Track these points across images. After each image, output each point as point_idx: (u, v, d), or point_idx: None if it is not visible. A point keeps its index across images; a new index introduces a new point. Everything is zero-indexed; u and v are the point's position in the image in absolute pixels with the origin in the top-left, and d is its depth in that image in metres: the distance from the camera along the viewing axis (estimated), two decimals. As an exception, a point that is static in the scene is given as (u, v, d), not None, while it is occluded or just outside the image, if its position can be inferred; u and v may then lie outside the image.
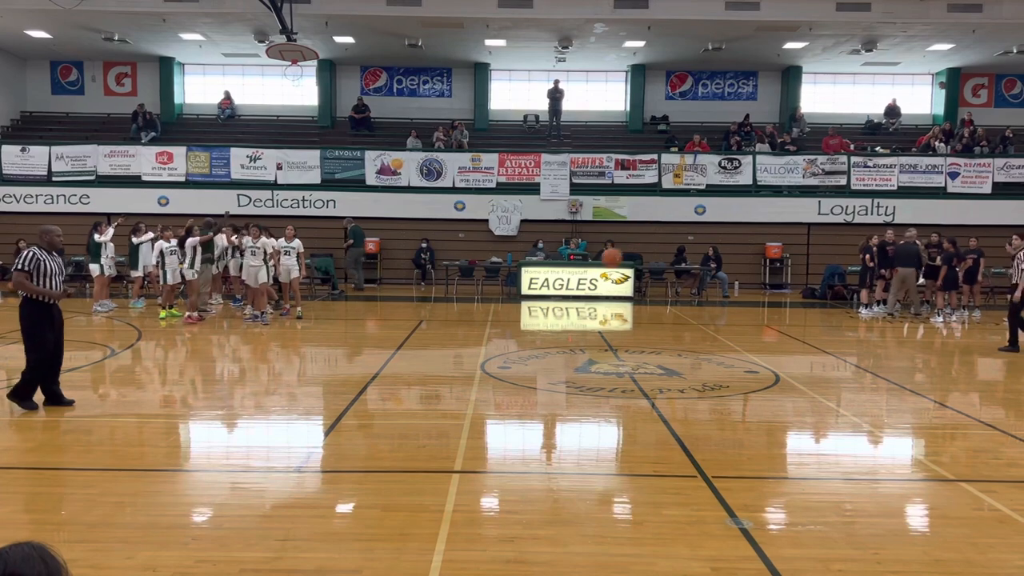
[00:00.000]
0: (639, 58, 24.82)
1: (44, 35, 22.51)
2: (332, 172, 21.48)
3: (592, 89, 26.42)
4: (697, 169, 21.67)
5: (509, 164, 21.66)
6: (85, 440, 6.84)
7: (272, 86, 25.52)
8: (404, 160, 21.62)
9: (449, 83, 26.21)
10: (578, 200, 21.25)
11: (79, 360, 10.37)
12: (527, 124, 25.52)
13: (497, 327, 14.32)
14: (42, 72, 25.76)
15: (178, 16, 20.84)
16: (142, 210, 20.79)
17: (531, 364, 10.67)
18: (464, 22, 21.23)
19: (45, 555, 1.71)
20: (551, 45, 23.04)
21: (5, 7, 20.15)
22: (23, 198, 20.92)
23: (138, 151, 21.56)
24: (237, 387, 9.25)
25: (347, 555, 4.46)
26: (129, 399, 8.54)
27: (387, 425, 7.65)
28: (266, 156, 21.40)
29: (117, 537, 4.62)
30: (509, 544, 4.61)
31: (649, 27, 21.40)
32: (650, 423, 7.47)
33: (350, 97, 25.39)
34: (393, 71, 26.07)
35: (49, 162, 21.17)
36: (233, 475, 5.98)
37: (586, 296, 18.45)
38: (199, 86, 26.22)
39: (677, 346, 12.25)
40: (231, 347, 12.81)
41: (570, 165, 21.54)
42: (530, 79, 26.16)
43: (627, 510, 5.40)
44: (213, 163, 21.35)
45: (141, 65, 25.59)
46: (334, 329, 14.64)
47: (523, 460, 6.55)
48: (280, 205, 21.16)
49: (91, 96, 25.80)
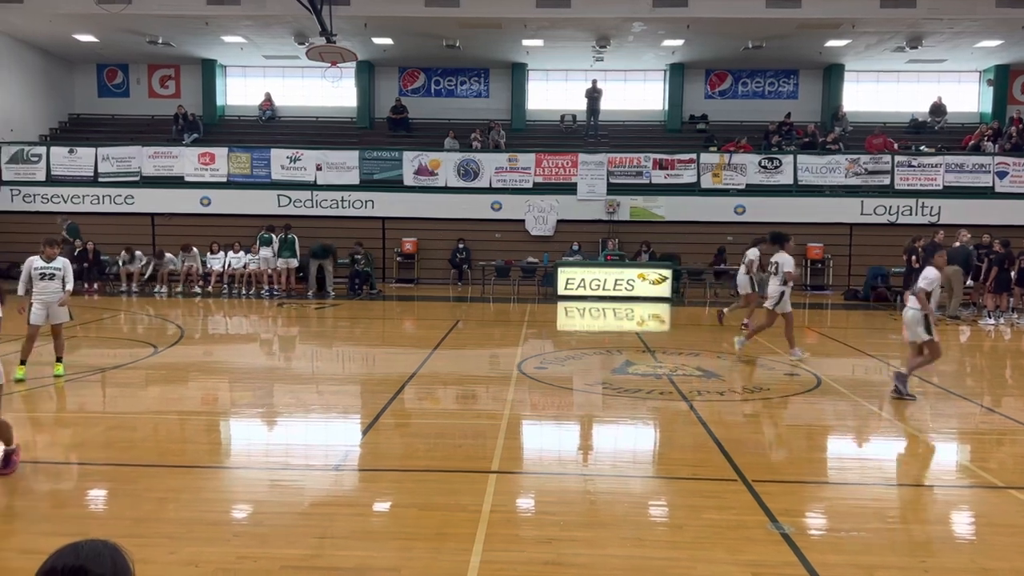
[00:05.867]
0: (678, 57, 24.62)
1: (91, 39, 23.01)
2: (370, 173, 21.64)
3: (630, 88, 26.27)
4: (736, 169, 21.43)
5: (546, 164, 21.62)
6: (129, 437, 6.97)
7: (312, 87, 25.79)
8: (441, 161, 21.71)
9: (486, 83, 26.25)
10: (615, 200, 21.14)
11: (124, 358, 10.57)
12: (564, 124, 25.45)
13: (533, 327, 14.31)
14: (89, 75, 26.34)
15: (220, 19, 21.16)
16: (185, 210, 21.18)
17: (568, 365, 10.64)
18: (502, 22, 21.24)
19: (116, 555, 1.77)
20: (589, 45, 22.95)
21: (54, 12, 20.64)
22: (70, 198, 21.39)
23: (181, 152, 21.92)
24: (277, 385, 9.36)
25: (385, 554, 4.49)
26: (171, 396, 8.69)
27: (424, 424, 7.68)
28: (306, 157, 21.63)
29: (161, 532, 4.70)
30: (547, 545, 4.60)
31: (688, 25, 21.21)
32: (688, 425, 7.40)
33: (388, 98, 25.56)
34: (431, 72, 26.19)
35: (95, 163, 21.63)
36: (273, 472, 6.05)
37: (623, 297, 18.34)
38: (240, 88, 26.60)
39: (716, 348, 12.12)
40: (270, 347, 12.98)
41: (607, 165, 21.44)
42: (567, 79, 26.09)
43: (665, 513, 5.35)
44: (254, 164, 21.63)
45: (184, 67, 26.04)
46: (372, 328, 14.75)
47: (560, 461, 6.53)
48: (319, 206, 21.37)
49: (136, 98, 26.31)
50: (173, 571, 4.21)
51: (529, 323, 14.80)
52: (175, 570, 4.23)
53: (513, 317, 15.96)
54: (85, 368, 9.71)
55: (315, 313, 16.16)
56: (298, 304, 17.13)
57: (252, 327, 14.88)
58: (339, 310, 16.51)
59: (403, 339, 13.84)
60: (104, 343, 12.25)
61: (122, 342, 12.38)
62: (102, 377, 9.45)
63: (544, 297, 18.71)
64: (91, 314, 14.80)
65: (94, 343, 12.14)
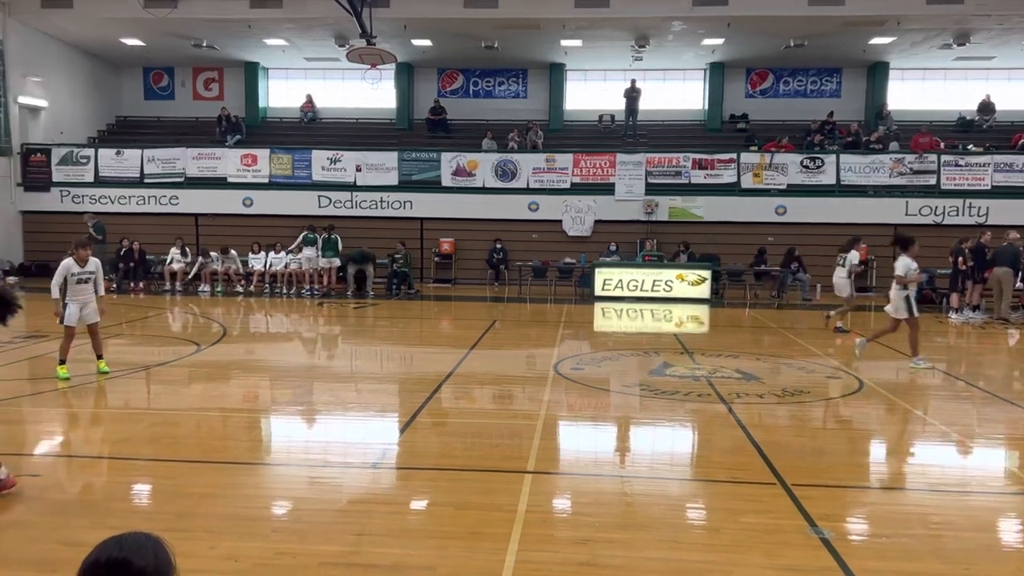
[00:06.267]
0: (718, 56, 24.39)
1: (138, 43, 23.51)
2: (409, 174, 21.79)
3: (669, 88, 26.09)
4: (778, 168, 21.16)
5: (583, 164, 21.57)
6: (172, 433, 7.11)
7: (352, 89, 26.04)
8: (479, 161, 21.77)
9: (524, 84, 26.27)
10: (654, 200, 21.01)
11: (168, 355, 10.78)
12: (602, 124, 25.37)
13: (570, 328, 14.28)
14: (135, 78, 26.91)
15: (263, 22, 21.48)
16: (228, 210, 21.53)
17: (604, 366, 10.60)
18: (540, 23, 21.24)
19: (159, 549, 1.81)
20: (628, 44, 22.84)
21: (102, 17, 21.13)
22: (117, 199, 21.88)
23: (224, 153, 22.29)
24: (316, 383, 9.47)
25: (421, 552, 4.51)
26: (213, 393, 8.84)
27: (460, 424, 7.71)
28: (346, 158, 21.85)
29: (202, 527, 4.78)
30: (582, 546, 4.59)
31: (729, 24, 21.00)
32: (727, 428, 7.33)
33: (427, 99, 25.71)
34: (469, 73, 26.29)
35: (141, 164, 22.08)
36: (312, 469, 6.12)
37: (661, 298, 18.22)
38: (282, 90, 26.97)
39: (756, 350, 11.98)
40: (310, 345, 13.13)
41: (646, 165, 21.32)
42: (606, 79, 25.99)
43: (702, 516, 5.30)
44: (295, 165, 21.91)
45: (228, 70, 26.47)
46: (409, 328, 14.85)
47: (596, 462, 6.51)
48: (359, 206, 21.57)
49: (181, 101, 26.82)
50: (213, 565, 4.28)
51: (565, 324, 14.78)
52: (215, 564, 4.30)
53: (549, 318, 15.94)
54: (130, 365, 9.92)
55: (354, 313, 16.32)
56: (337, 304, 17.31)
57: (292, 326, 15.07)
58: (378, 310, 16.65)
59: (440, 339, 13.91)
60: (148, 341, 12.51)
61: (166, 340, 12.64)
62: (146, 374, 9.64)
63: (581, 298, 18.67)
64: (136, 312, 15.11)
65: (139, 341, 12.40)
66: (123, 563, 1.74)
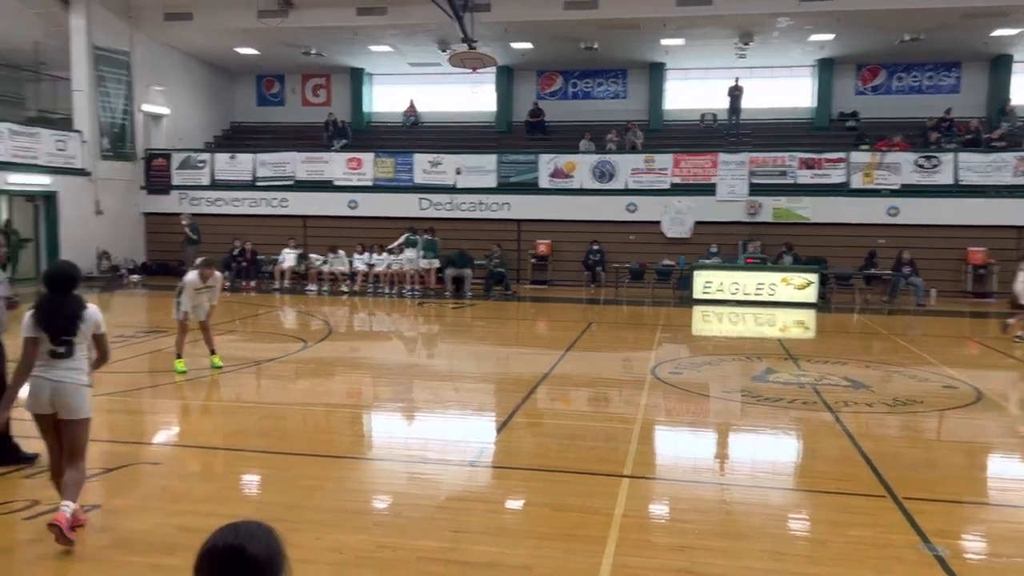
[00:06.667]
0: (827, 52, 23.54)
1: (252, 51, 24.58)
2: (507, 176, 21.95)
3: (774, 86, 25.33)
4: (890, 168, 20.26)
5: (684, 165, 21.21)
6: (281, 426, 7.40)
7: (453, 93, 26.44)
8: (577, 163, 21.72)
9: (624, 84, 26.07)
10: (757, 201, 20.47)
11: (277, 352, 11.23)
12: (704, 123, 24.89)
13: (668, 331, 14.08)
14: (249, 86, 28.14)
15: (369, 29, 22.09)
16: (334, 213, 22.23)
17: (704, 370, 10.40)
18: (641, 23, 21.02)
19: (271, 538, 1.90)
20: (731, 42, 22.33)
21: (220, 28, 22.20)
22: (231, 201, 22.92)
23: (331, 157, 23.03)
24: (416, 381, 9.67)
25: (517, 551, 4.55)
26: (319, 389, 9.16)
27: (556, 425, 7.72)
28: (446, 161, 22.21)
29: (308, 519, 4.96)
30: (680, 553, 4.52)
31: (838, 19, 20.24)
32: (833, 437, 7.07)
33: (526, 102, 25.84)
34: (568, 75, 26.27)
35: (253, 168, 23.06)
36: (411, 465, 6.26)
37: (764, 301, 17.71)
38: (386, 95, 27.65)
39: (865, 357, 11.51)
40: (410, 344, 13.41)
41: (749, 164, 20.79)
42: (707, 77, 25.48)
43: (807, 527, 5.14)
44: (398, 168, 22.42)
45: (335, 76, 27.34)
46: (505, 329, 14.97)
47: (695, 469, 6.40)
48: (458, 208, 21.88)
49: (290, 107, 27.88)
50: (319, 556, 4.43)
51: (664, 327, 14.58)
52: (320, 555, 4.45)
53: (647, 320, 15.76)
54: (242, 361, 10.37)
55: (452, 313, 16.57)
56: (437, 304, 17.62)
57: (394, 325, 15.44)
58: (475, 310, 16.85)
59: (536, 340, 13.95)
60: (259, 338, 13.05)
61: (275, 337, 13.16)
62: (256, 369, 10.07)
63: (680, 300, 18.36)
64: (248, 309, 15.79)
65: (250, 338, 12.95)
66: (238, 549, 1.84)
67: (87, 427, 4.73)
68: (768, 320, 15.81)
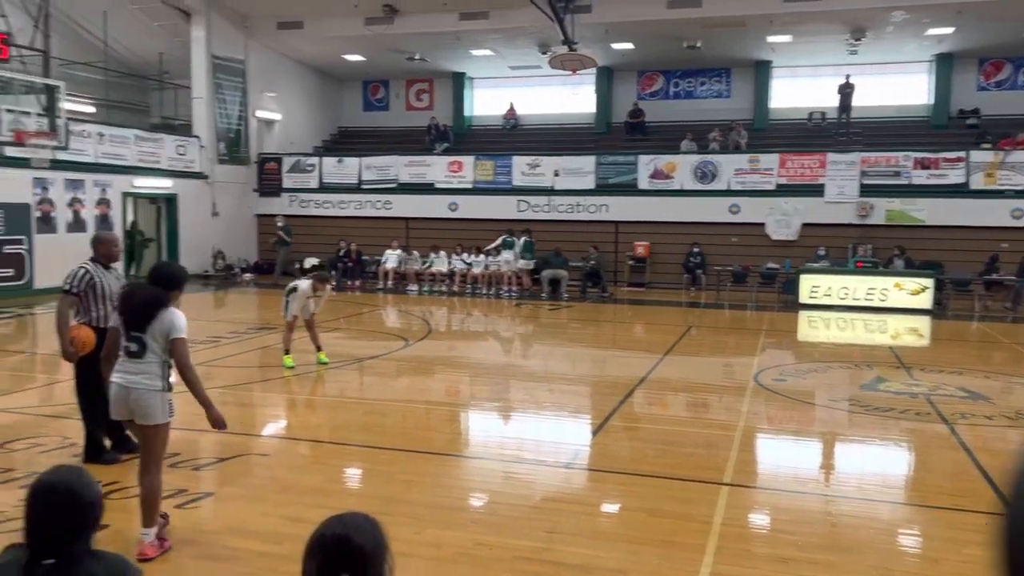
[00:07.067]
0: (945, 46, 22.37)
1: (359, 58, 25.34)
2: (606, 177, 21.82)
3: (888, 82, 24.24)
4: (1015, 168, 19.07)
5: (790, 165, 20.57)
6: (382, 422, 7.60)
7: (552, 95, 26.50)
8: (677, 163, 21.38)
9: (728, 83, 25.50)
10: (868, 202, 19.64)
11: (379, 349, 11.53)
12: (812, 122, 24.06)
13: (772, 337, 13.68)
14: (355, 91, 29.01)
15: (470, 33, 22.40)
16: (435, 215, 22.64)
17: (810, 378, 10.06)
18: (746, 20, 20.52)
19: (376, 530, 2.00)
20: (842, 38, 21.51)
21: (328, 36, 22.99)
22: (338, 203, 23.68)
23: (433, 161, 23.48)
24: (512, 381, 9.74)
25: (612, 554, 4.52)
26: (419, 387, 9.35)
27: (653, 430, 7.63)
28: (544, 163, 22.27)
29: (408, 513, 5.07)
30: (782, 565, 4.40)
31: (959, 11, 19.21)
32: (948, 451, 6.72)
33: (626, 103, 25.62)
34: (670, 74, 25.90)
35: (359, 171, 23.75)
36: (507, 465, 6.31)
37: (875, 307, 16.96)
38: (487, 98, 27.97)
39: (984, 367, 10.88)
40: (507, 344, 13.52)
41: (860, 165, 19.97)
42: (816, 75, 24.62)
43: (918, 544, 4.91)
44: (496, 170, 22.64)
45: (437, 81, 27.85)
46: (602, 331, 14.88)
47: (798, 479, 6.20)
48: (556, 210, 21.90)
49: (395, 111, 28.57)
50: (418, 551, 4.53)
51: (767, 332, 14.18)
52: (420, 550, 4.55)
53: (750, 325, 15.37)
54: (346, 358, 10.69)
55: (549, 314, 16.61)
56: (533, 304, 17.69)
57: (491, 325, 15.60)
58: (571, 312, 16.83)
59: (633, 343, 13.82)
60: (363, 335, 13.43)
61: (378, 335, 13.52)
62: (360, 366, 10.37)
63: (785, 305, 17.81)
64: (352, 308, 16.27)
65: (355, 335, 13.34)
66: (344, 539, 1.93)
67: (160, 433, 4.48)
68: (879, 327, 15.14)
